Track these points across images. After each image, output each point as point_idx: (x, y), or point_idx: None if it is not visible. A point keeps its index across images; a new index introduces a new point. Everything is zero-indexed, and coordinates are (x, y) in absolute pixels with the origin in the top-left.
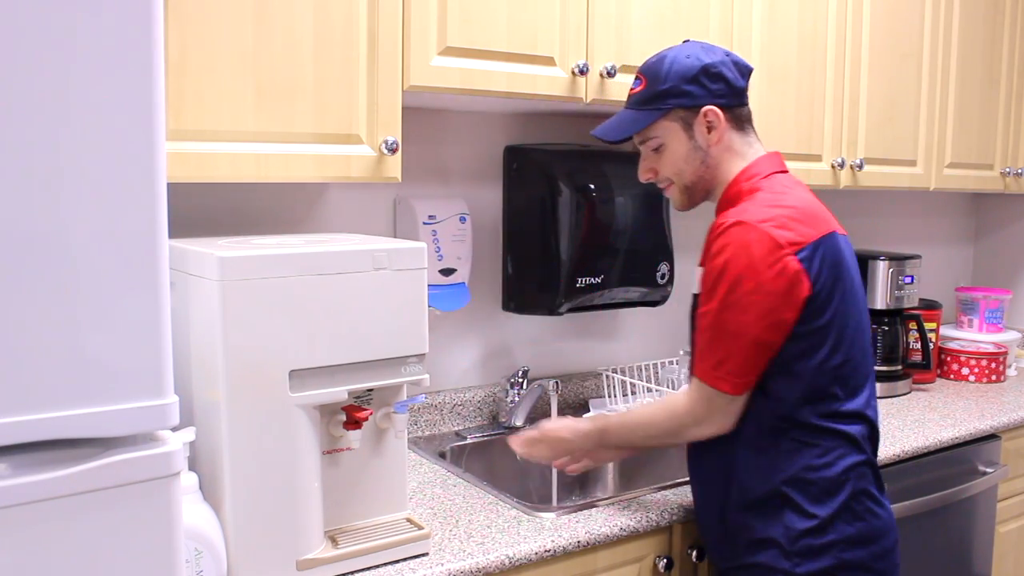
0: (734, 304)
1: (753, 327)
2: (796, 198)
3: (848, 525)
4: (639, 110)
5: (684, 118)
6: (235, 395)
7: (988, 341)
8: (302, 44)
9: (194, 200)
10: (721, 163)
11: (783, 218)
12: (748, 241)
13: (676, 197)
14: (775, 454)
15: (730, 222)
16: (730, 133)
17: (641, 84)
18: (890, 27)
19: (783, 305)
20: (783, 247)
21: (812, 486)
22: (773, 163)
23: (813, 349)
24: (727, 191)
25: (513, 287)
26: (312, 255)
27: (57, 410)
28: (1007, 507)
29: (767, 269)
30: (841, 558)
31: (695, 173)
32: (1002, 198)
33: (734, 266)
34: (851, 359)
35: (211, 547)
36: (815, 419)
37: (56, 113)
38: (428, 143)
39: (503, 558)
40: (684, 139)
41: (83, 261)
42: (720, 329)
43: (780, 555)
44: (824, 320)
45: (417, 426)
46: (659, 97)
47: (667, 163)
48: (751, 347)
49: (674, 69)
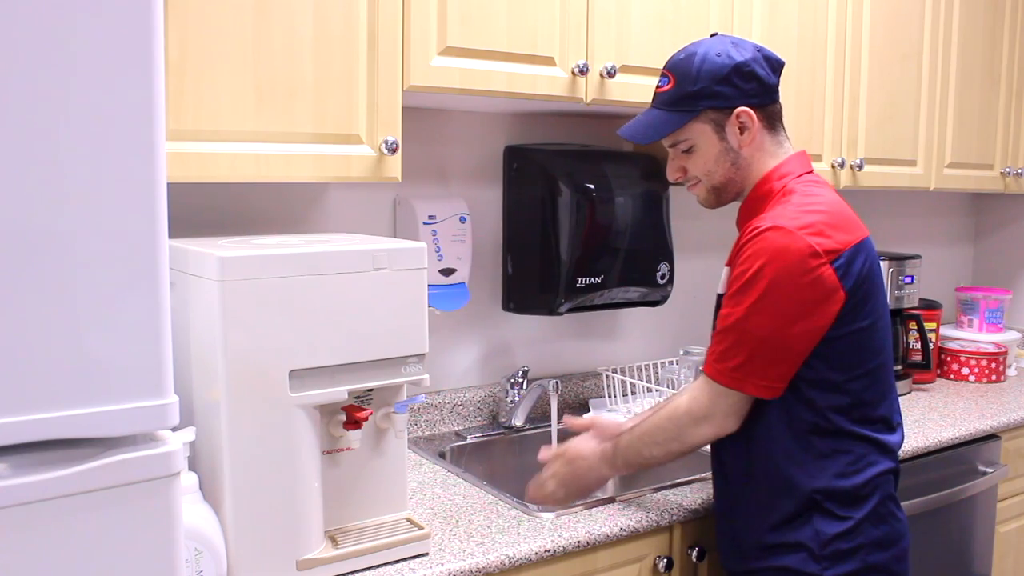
0: (764, 309)
1: (781, 332)
2: (829, 202)
3: (875, 528)
4: (669, 111)
5: (715, 119)
6: (235, 395)
7: (988, 341)
8: (302, 44)
9: (194, 200)
10: (752, 163)
11: (820, 224)
12: (785, 247)
13: (703, 196)
14: (808, 460)
15: (766, 226)
16: (762, 133)
17: (669, 83)
18: (890, 27)
19: (815, 313)
20: (820, 256)
21: (844, 492)
22: (803, 163)
23: (850, 354)
24: (756, 190)
25: (513, 287)
26: (312, 255)
27: (57, 410)
28: (1007, 507)
29: (802, 276)
30: (867, 561)
31: (725, 174)
32: (1002, 198)
33: (769, 271)
34: (884, 363)
35: (211, 547)
36: (849, 425)
37: (56, 113)
38: (428, 143)
39: (503, 558)
40: (715, 141)
41: (83, 261)
42: (747, 332)
43: (809, 558)
44: (860, 325)
45: (417, 426)
46: (690, 98)
47: (697, 164)
48: (777, 352)
49: (705, 68)
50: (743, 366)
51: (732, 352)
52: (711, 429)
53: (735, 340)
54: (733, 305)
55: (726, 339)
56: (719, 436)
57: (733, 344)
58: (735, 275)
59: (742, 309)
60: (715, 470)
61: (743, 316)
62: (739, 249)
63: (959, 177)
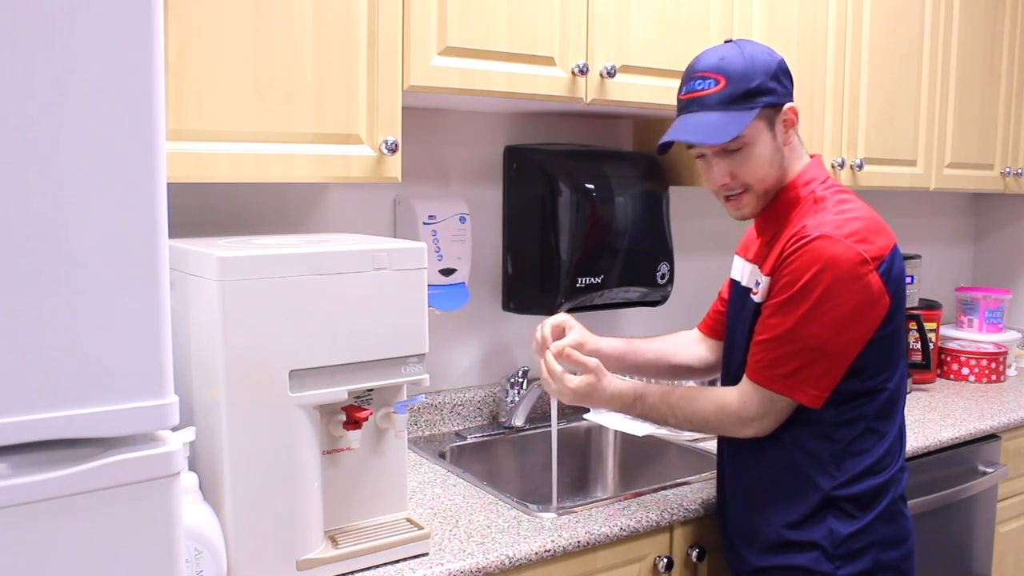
0: (819, 318)
1: (835, 340)
2: (862, 208)
3: (886, 527)
4: (727, 111)
5: (769, 117)
6: (235, 395)
7: (988, 341)
8: (302, 44)
9: (194, 200)
10: (789, 165)
11: (863, 231)
12: (836, 255)
13: (750, 205)
14: (831, 462)
15: (814, 235)
16: (794, 134)
17: (719, 84)
18: (890, 27)
19: (865, 320)
20: (868, 263)
21: (862, 494)
22: (823, 169)
23: (881, 356)
24: (783, 195)
25: (513, 287)
26: (312, 255)
27: (57, 410)
28: (1007, 507)
29: (853, 283)
30: (878, 559)
31: (775, 177)
32: (1002, 198)
33: (822, 280)
34: (905, 364)
35: (211, 547)
36: (874, 424)
37: (56, 113)
38: (428, 143)
39: (503, 558)
40: (769, 139)
41: (83, 261)
42: (800, 341)
43: (823, 557)
44: (893, 327)
45: (417, 426)
46: (750, 95)
47: (750, 165)
48: (830, 359)
49: (758, 66)
50: (796, 373)
51: (785, 360)
52: (754, 431)
53: (788, 349)
54: (784, 315)
55: (778, 347)
56: (757, 436)
57: (786, 352)
58: (783, 284)
59: (794, 318)
60: (732, 469)
61: (795, 325)
62: (785, 258)
63: (959, 177)
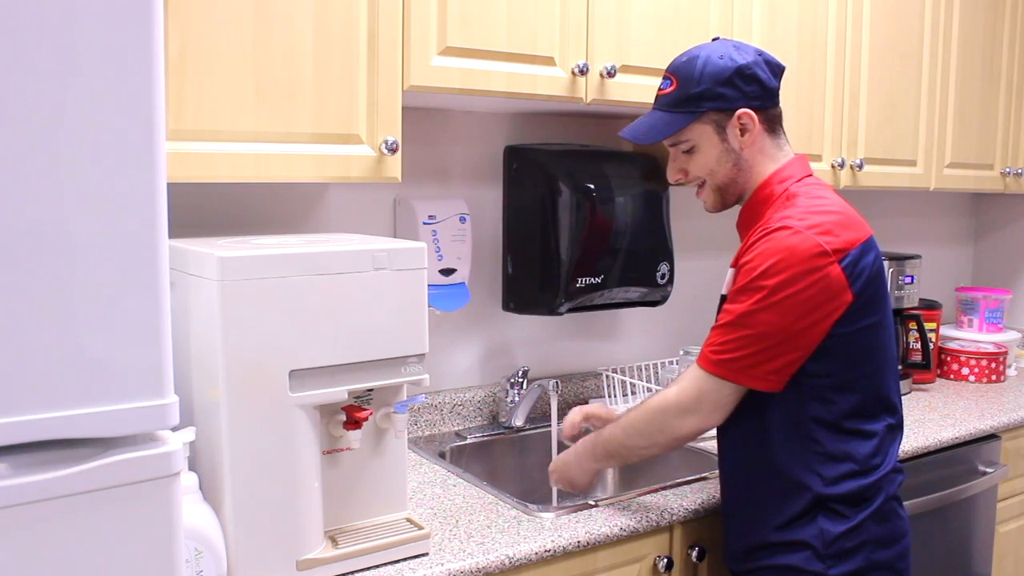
0: (771, 307)
1: (786, 329)
2: (835, 202)
3: (878, 526)
4: (671, 112)
5: (717, 120)
6: (235, 395)
7: (988, 341)
8: (302, 44)
9: (194, 200)
10: (754, 166)
11: (828, 223)
12: (793, 246)
13: (709, 198)
14: (817, 462)
15: (775, 226)
16: (763, 135)
17: (672, 85)
18: (890, 27)
19: (821, 312)
20: (828, 255)
21: (851, 494)
22: (803, 167)
23: (858, 351)
24: (757, 193)
25: (513, 287)
26: (312, 255)
27: (57, 410)
28: (1007, 507)
29: (809, 275)
30: (871, 559)
31: (727, 175)
32: (1002, 198)
33: (777, 270)
34: (890, 360)
35: (211, 547)
36: (859, 424)
37: (56, 113)
38: (428, 143)
39: (503, 558)
40: (716, 142)
41: (83, 261)
42: (750, 327)
43: (814, 557)
44: (869, 322)
45: (417, 426)
46: (693, 100)
47: (698, 165)
48: (780, 346)
49: (708, 70)
50: (742, 359)
51: (732, 345)
52: (696, 422)
53: (736, 334)
54: (739, 301)
55: (727, 333)
56: (703, 430)
57: (735, 338)
58: (743, 272)
59: (746, 306)
60: (723, 470)
61: (747, 312)
62: (745, 249)
63: (959, 177)
